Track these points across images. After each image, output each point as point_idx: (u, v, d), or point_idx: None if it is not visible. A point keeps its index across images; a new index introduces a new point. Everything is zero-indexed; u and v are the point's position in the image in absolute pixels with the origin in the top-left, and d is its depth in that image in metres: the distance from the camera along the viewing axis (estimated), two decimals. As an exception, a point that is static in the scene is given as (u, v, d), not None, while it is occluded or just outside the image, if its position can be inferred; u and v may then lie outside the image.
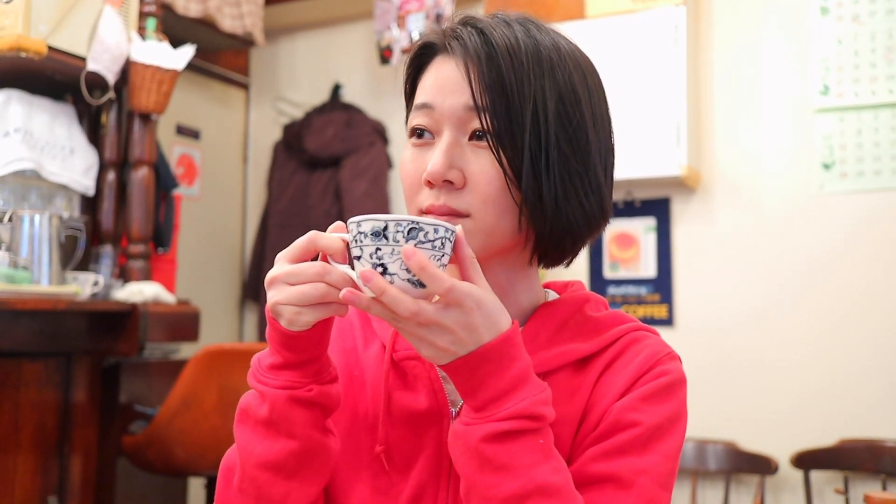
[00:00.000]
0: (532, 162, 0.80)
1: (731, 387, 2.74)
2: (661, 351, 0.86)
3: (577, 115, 0.82)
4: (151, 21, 2.70)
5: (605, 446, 0.80)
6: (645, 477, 0.79)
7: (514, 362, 0.74)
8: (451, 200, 0.82)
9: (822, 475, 2.60)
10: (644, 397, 0.82)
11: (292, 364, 0.79)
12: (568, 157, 0.81)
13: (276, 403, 0.79)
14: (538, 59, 0.82)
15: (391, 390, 0.88)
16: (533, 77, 0.80)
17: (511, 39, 0.81)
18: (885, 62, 2.66)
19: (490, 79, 0.80)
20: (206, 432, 2.30)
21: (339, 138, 3.38)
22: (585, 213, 0.84)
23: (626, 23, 2.76)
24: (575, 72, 0.84)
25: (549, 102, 0.81)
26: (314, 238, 0.75)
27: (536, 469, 0.73)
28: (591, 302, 0.92)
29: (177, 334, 2.57)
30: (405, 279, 0.70)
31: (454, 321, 0.70)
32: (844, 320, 2.63)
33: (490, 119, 0.80)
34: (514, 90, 0.80)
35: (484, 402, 0.74)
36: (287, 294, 0.74)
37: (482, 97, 0.80)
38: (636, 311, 2.92)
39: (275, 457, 0.81)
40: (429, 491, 0.85)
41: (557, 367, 0.85)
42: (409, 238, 0.69)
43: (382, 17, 3.27)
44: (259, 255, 3.59)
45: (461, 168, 0.82)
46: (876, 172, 2.65)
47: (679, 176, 2.69)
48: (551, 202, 0.81)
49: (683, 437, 0.86)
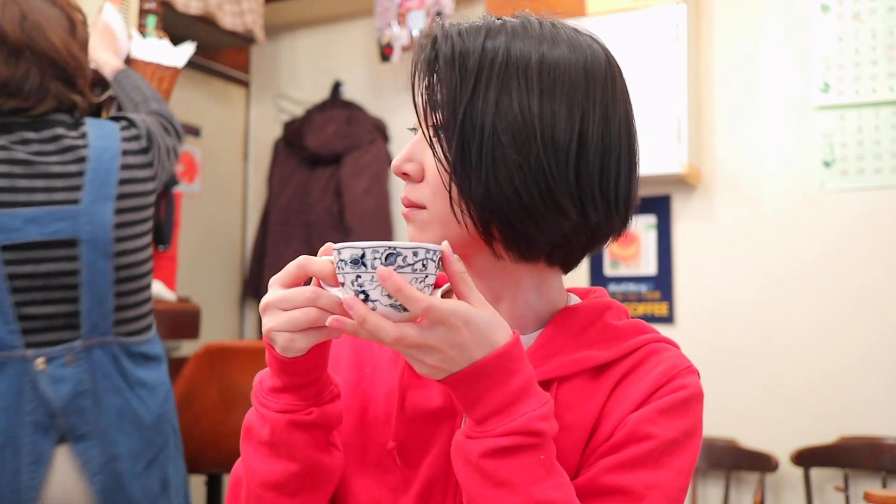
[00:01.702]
0: (462, 150, 0.80)
1: (732, 384, 2.74)
2: (680, 364, 0.86)
3: (524, 101, 0.80)
4: (152, 18, 2.70)
5: (619, 458, 0.80)
6: (657, 492, 0.79)
7: (512, 377, 0.73)
8: (411, 193, 0.86)
9: (823, 473, 2.60)
10: (661, 410, 0.82)
11: (291, 387, 0.79)
12: (504, 146, 0.79)
13: (276, 427, 0.80)
14: (486, 44, 0.82)
15: (406, 388, 0.88)
16: (470, 64, 0.81)
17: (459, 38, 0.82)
18: (886, 60, 2.65)
19: (429, 74, 0.82)
20: (206, 429, 2.30)
21: (340, 136, 3.38)
22: (525, 206, 0.80)
23: (627, 20, 2.76)
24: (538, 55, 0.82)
25: (491, 90, 0.80)
26: (304, 263, 0.76)
27: (537, 486, 0.73)
28: (613, 310, 0.91)
29: (177, 332, 2.57)
30: (387, 304, 0.70)
31: (440, 340, 0.70)
32: (844, 318, 2.64)
33: (427, 112, 0.82)
34: (449, 83, 0.81)
35: (483, 416, 0.74)
36: (280, 320, 0.74)
37: (421, 95, 0.83)
38: (636, 309, 2.92)
39: (276, 477, 0.82)
40: (438, 486, 0.86)
41: (574, 372, 0.85)
42: (386, 264, 0.69)
43: (383, 14, 3.27)
44: (260, 253, 3.59)
45: (420, 161, 0.85)
46: (876, 170, 2.65)
47: (679, 173, 2.69)
48: (481, 191, 0.80)
49: (698, 452, 0.85)
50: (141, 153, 1.68)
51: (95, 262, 1.54)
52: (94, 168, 1.57)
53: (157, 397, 1.63)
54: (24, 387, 1.47)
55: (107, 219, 1.56)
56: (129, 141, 1.68)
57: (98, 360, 1.54)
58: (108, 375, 1.55)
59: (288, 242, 3.46)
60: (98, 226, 1.55)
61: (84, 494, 1.51)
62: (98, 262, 1.55)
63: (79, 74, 1.65)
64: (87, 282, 1.53)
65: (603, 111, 0.84)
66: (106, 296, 1.56)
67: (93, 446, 1.51)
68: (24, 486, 1.45)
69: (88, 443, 1.51)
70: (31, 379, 1.48)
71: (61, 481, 1.50)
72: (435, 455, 0.86)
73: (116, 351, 1.58)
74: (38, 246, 1.50)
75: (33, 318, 1.50)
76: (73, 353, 1.51)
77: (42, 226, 1.50)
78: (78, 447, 1.50)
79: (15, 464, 1.45)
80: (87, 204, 1.55)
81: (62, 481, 1.50)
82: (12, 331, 1.48)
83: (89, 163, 1.57)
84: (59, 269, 1.52)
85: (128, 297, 1.61)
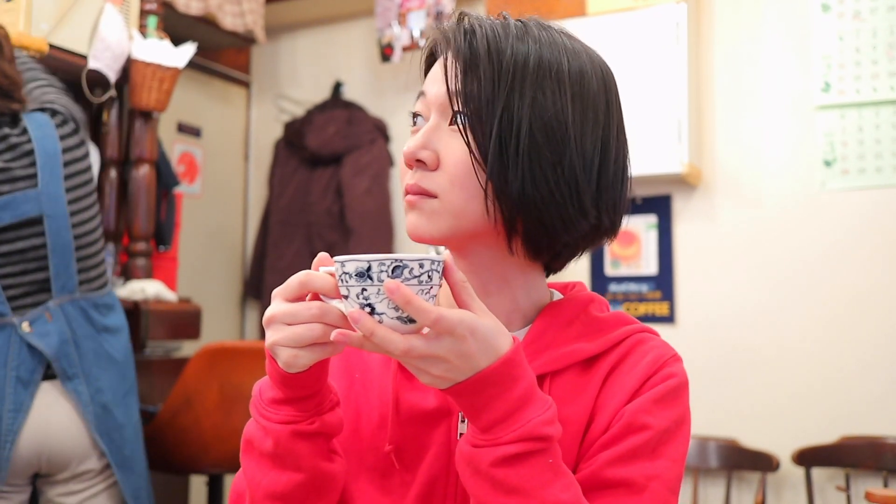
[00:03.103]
0: (500, 145, 0.81)
1: (733, 384, 2.74)
2: (666, 353, 0.88)
3: (555, 106, 0.83)
4: (152, 19, 2.70)
5: (619, 450, 0.81)
6: (657, 482, 0.80)
7: (516, 383, 0.73)
8: (423, 180, 0.84)
9: (824, 472, 2.60)
10: (655, 400, 0.83)
11: (292, 399, 0.79)
12: (540, 145, 0.82)
13: (279, 439, 0.79)
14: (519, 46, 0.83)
15: (399, 391, 0.88)
16: (509, 65, 0.82)
17: (493, 34, 0.83)
18: (887, 59, 2.65)
19: (465, 65, 0.82)
20: (207, 430, 2.30)
21: (341, 136, 3.38)
22: (557, 204, 0.83)
23: (627, 20, 2.76)
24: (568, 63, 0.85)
25: (527, 91, 0.82)
26: (305, 280, 0.74)
27: (547, 490, 0.73)
28: (596, 302, 0.93)
29: (178, 332, 2.58)
30: (394, 317, 0.69)
31: (447, 350, 0.70)
32: (845, 317, 2.64)
33: (462, 102, 0.82)
34: (487, 76, 0.82)
35: (489, 424, 0.74)
36: (284, 335, 0.73)
37: (455, 81, 0.83)
38: (637, 309, 2.92)
39: (282, 488, 0.81)
40: (438, 486, 0.86)
41: (564, 366, 0.86)
42: (393, 276, 0.69)
43: (383, 14, 3.27)
44: (260, 253, 3.59)
45: (436, 150, 0.84)
46: (877, 169, 2.65)
47: (680, 173, 2.69)
48: (517, 186, 0.81)
49: (689, 439, 0.87)
50: (72, 135, 1.93)
51: (58, 234, 1.83)
52: (41, 156, 1.84)
53: (122, 339, 1.96)
54: (12, 347, 1.76)
55: (61, 197, 1.84)
56: (61, 127, 1.91)
57: (70, 313, 1.84)
58: (81, 325, 1.86)
59: (289, 242, 3.47)
60: (56, 203, 1.83)
61: (82, 423, 1.83)
62: (61, 233, 1.83)
63: (14, 88, 1.88)
64: (53, 251, 1.82)
65: (618, 122, 0.89)
66: (70, 261, 1.85)
67: (80, 384, 1.82)
68: (3, 430, 1.72)
69: (76, 381, 1.82)
70: (17, 340, 1.76)
71: (64, 415, 1.81)
72: (433, 456, 0.86)
73: (84, 305, 1.87)
74: (12, 228, 1.78)
75: (14, 287, 1.78)
76: (49, 311, 1.81)
77: (13, 210, 1.78)
78: (69, 385, 1.81)
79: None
80: (44, 186, 1.82)
81: (64, 414, 1.81)
82: (1, 302, 1.77)
83: (36, 152, 1.83)
84: (31, 245, 1.80)
85: (87, 261, 1.90)
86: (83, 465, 1.84)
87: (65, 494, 1.85)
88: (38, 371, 1.78)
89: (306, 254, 3.41)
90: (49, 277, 1.82)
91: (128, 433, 1.91)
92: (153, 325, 2.47)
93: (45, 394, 1.80)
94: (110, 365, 1.89)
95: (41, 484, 1.87)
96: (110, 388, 1.88)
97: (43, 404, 1.79)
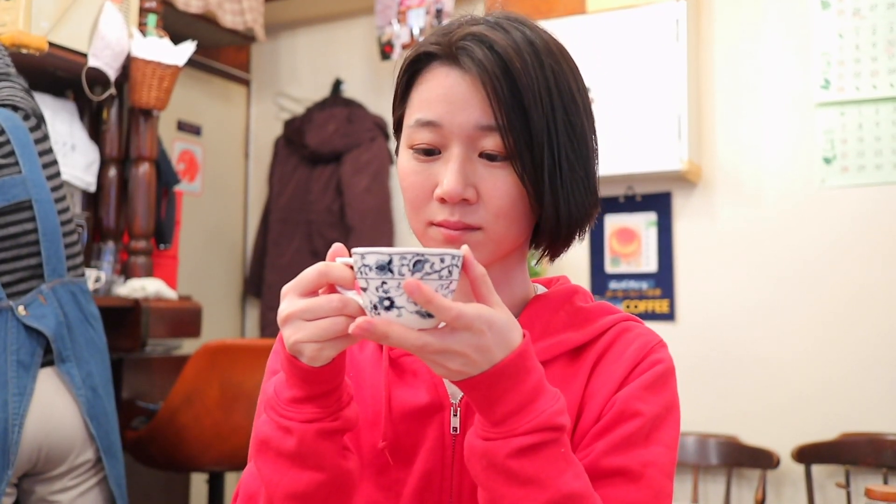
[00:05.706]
0: (550, 178, 0.83)
1: (733, 381, 2.75)
2: (652, 339, 0.89)
3: (578, 122, 0.86)
4: (152, 17, 2.70)
5: (613, 439, 0.82)
6: (653, 468, 0.81)
7: (529, 374, 0.74)
8: (466, 216, 0.84)
9: (824, 469, 2.60)
10: (645, 386, 0.85)
11: (315, 396, 0.78)
12: (574, 165, 0.85)
13: (304, 437, 0.78)
14: (542, 69, 0.83)
15: (391, 388, 0.88)
16: (542, 91, 0.82)
17: (515, 50, 0.82)
18: (887, 56, 2.65)
19: (505, 96, 0.81)
20: (208, 428, 2.30)
21: (341, 134, 3.39)
22: (584, 213, 0.88)
23: (627, 17, 2.76)
24: (570, 74, 0.87)
25: (558, 114, 0.83)
26: (325, 271, 0.73)
27: (561, 478, 0.74)
28: (579, 294, 0.94)
29: (179, 330, 2.58)
30: (413, 311, 0.69)
31: (465, 345, 0.70)
32: (845, 314, 2.64)
33: (510, 138, 0.82)
34: (530, 107, 0.82)
35: (503, 416, 0.74)
36: (307, 331, 0.72)
37: (500, 116, 0.81)
38: (637, 306, 2.93)
39: (304, 488, 0.80)
40: (434, 481, 0.87)
41: (553, 356, 0.88)
42: (414, 271, 0.68)
43: (383, 12, 3.27)
44: (261, 251, 3.59)
45: (474, 184, 0.84)
46: (877, 167, 2.65)
47: (680, 170, 2.69)
48: (564, 209, 0.85)
49: (680, 424, 0.88)
50: (37, 129, 1.94)
51: (47, 218, 1.84)
52: (17, 145, 1.85)
53: (101, 328, 1.96)
54: (10, 331, 1.76)
55: (44, 183, 1.86)
56: (26, 120, 1.92)
57: (62, 296, 1.85)
58: (72, 309, 1.87)
59: (289, 240, 3.47)
60: (41, 188, 1.85)
61: (74, 407, 1.82)
62: (49, 217, 1.85)
63: None
64: (43, 236, 1.83)
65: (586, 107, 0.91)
66: (59, 246, 1.87)
67: (72, 366, 1.83)
68: (10, 414, 1.71)
69: (70, 364, 1.83)
70: (15, 324, 1.76)
71: (64, 403, 1.81)
72: (427, 451, 0.87)
73: (73, 289, 1.89)
74: (4, 213, 1.79)
75: (8, 273, 1.79)
76: (42, 294, 1.82)
77: (3, 193, 1.79)
78: (62, 367, 1.81)
79: (3, 396, 1.71)
80: (27, 172, 1.84)
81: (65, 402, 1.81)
82: None
83: (12, 142, 1.84)
84: (22, 230, 1.82)
85: (72, 248, 1.92)
86: (81, 457, 1.84)
87: (59, 491, 1.83)
88: (38, 354, 1.79)
89: (306, 252, 3.41)
90: (41, 263, 1.84)
91: (112, 420, 1.93)
92: (153, 323, 2.47)
93: (46, 381, 1.80)
94: (97, 352, 1.92)
95: (31, 483, 1.84)
96: (98, 374, 1.89)
97: (44, 392, 1.79)
